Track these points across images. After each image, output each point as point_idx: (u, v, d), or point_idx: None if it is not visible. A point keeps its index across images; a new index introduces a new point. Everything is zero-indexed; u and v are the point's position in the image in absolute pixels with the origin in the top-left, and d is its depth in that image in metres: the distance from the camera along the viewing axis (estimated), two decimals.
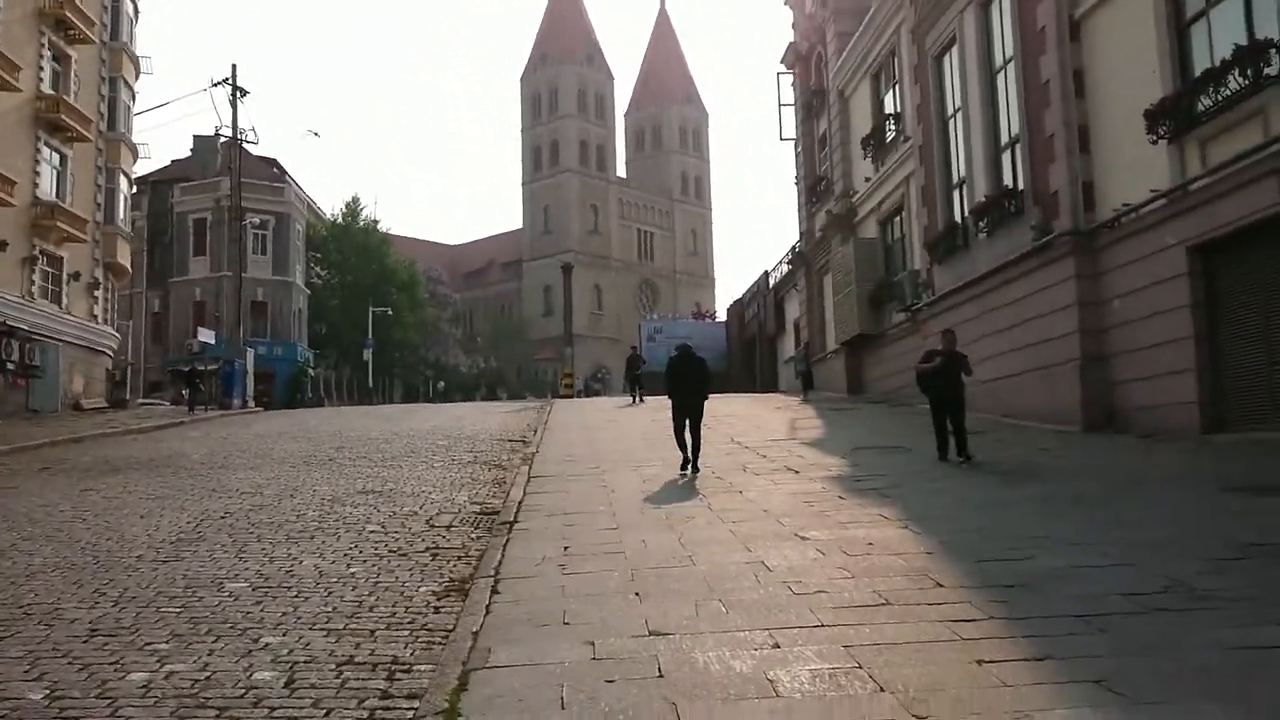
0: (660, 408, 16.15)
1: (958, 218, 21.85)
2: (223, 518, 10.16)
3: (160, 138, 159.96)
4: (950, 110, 22.35)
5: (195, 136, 62.55)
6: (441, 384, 73.44)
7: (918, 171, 24.21)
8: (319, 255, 67.36)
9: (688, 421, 12.87)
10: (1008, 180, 19.44)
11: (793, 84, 37.60)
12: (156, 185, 58.63)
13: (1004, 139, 19.74)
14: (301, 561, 8.02)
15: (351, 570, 7.66)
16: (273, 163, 63.24)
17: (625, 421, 21.62)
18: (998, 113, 20.03)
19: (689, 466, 12.54)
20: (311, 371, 56.99)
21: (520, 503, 10.49)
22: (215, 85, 38.03)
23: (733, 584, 6.40)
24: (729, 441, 16.22)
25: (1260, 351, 13.47)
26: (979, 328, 20.06)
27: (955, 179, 22.14)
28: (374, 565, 7.83)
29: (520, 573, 7.15)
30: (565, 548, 7.97)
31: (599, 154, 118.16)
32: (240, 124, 39.88)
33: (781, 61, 37.80)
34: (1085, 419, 16.33)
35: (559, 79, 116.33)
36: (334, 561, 8.00)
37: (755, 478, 11.77)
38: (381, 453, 16.59)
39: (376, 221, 73.32)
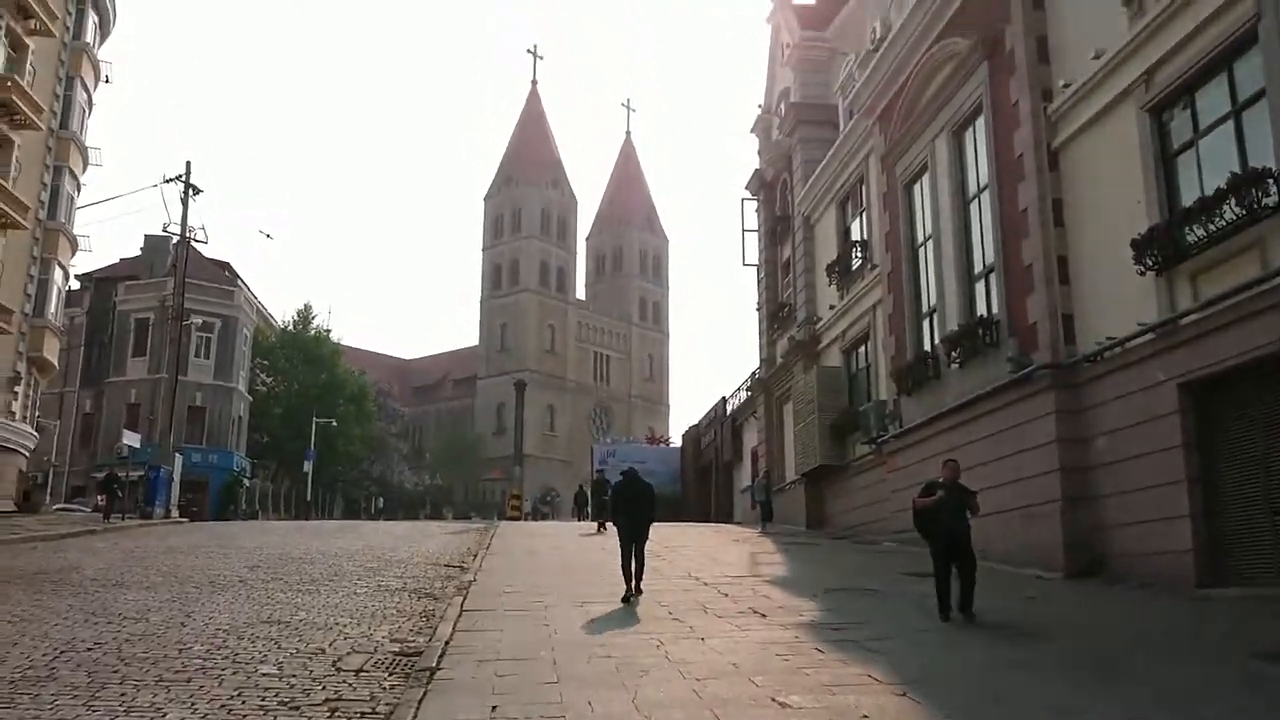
0: (613, 536, 14.81)
1: (927, 347, 21.04)
2: (89, 650, 8.55)
3: (111, 234, 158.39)
4: (920, 238, 21.81)
5: (146, 235, 61.46)
6: (381, 501, 70.81)
7: (885, 299, 23.54)
8: (266, 362, 65.65)
9: (634, 545, 12.75)
10: (982, 310, 18.71)
11: (756, 210, 37.40)
12: (101, 282, 57.10)
13: (978, 268, 19.10)
14: (165, 716, 6.48)
15: None
16: (224, 266, 62.01)
17: (573, 549, 20.11)
18: (971, 241, 19.45)
19: (631, 597, 12.25)
20: (247, 482, 54.54)
21: (447, 643, 9.01)
22: (167, 181, 37.04)
23: None
24: (686, 576, 14.81)
25: (1260, 497, 12.47)
26: None
27: (925, 308, 21.43)
28: None
29: None
30: (493, 708, 6.53)
31: (559, 275, 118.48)
32: (191, 222, 38.82)
33: (746, 187, 37.68)
34: (1067, 565, 15.16)
35: (523, 200, 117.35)
36: (205, 716, 6.48)
37: (718, 621, 10.38)
38: (301, 575, 14.94)
39: (328, 331, 72.05)
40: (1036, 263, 16.63)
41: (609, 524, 22.67)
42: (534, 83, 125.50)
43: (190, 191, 37.68)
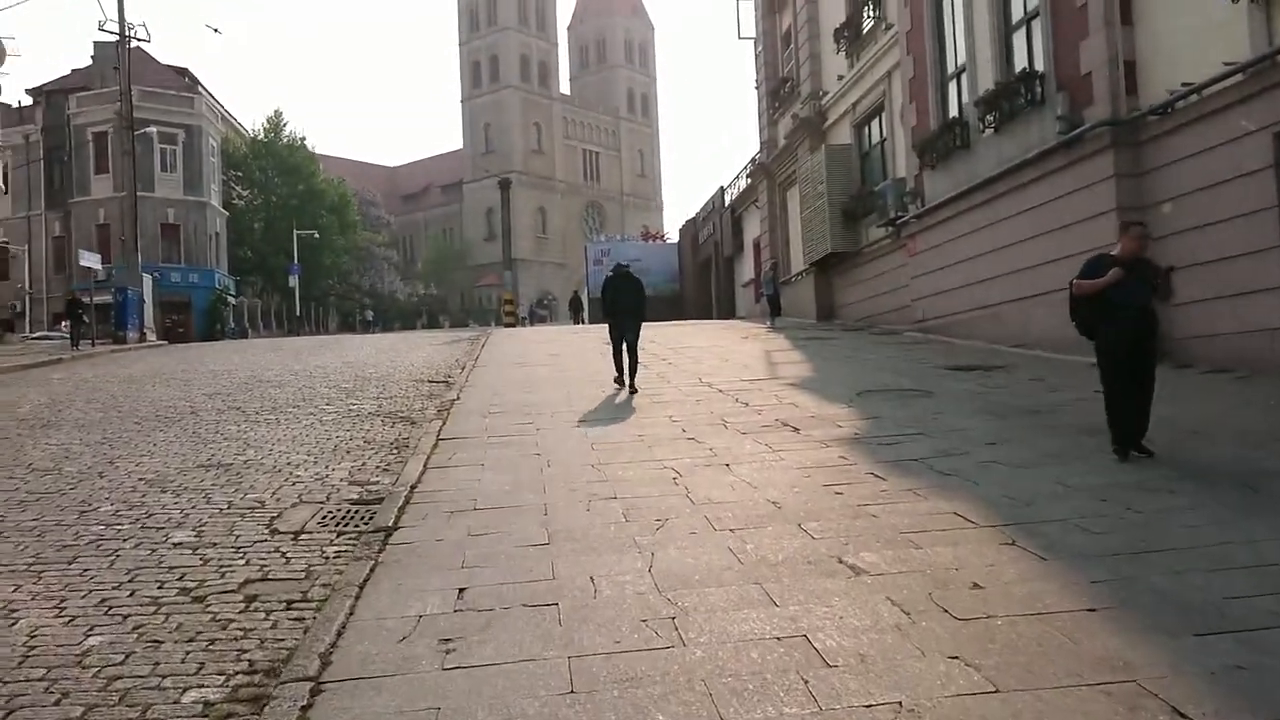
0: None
1: (955, 113, 18.67)
2: None
3: (60, 45, 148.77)
4: None
5: (95, 43, 57.00)
6: (369, 313, 69.27)
7: (904, 63, 20.90)
8: (239, 174, 62.49)
9: (625, 342, 12.89)
10: (1023, 63, 16.26)
11: None
12: (52, 95, 53.40)
13: (1017, 15, 16.52)
14: (17, 619, 4.78)
15: (88, 642, 4.45)
16: (183, 72, 57.93)
17: (569, 356, 18.41)
18: None
19: (624, 385, 12.63)
20: (232, 300, 52.67)
21: (414, 487, 7.30)
22: None
23: (761, 709, 3.29)
24: (697, 382, 13.12)
25: None
26: (984, 241, 17.10)
27: (952, 68, 18.90)
28: (136, 627, 4.62)
29: (368, 662, 3.98)
30: (460, 591, 4.81)
31: (541, 69, 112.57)
32: (131, 20, 35.35)
33: None
34: None
35: None
36: (74, 618, 4.78)
37: (742, 439, 8.66)
38: (264, 401, 13.26)
39: (303, 139, 68.29)
40: (1092, 0, 14.11)
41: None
42: None
43: None
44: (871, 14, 23.75)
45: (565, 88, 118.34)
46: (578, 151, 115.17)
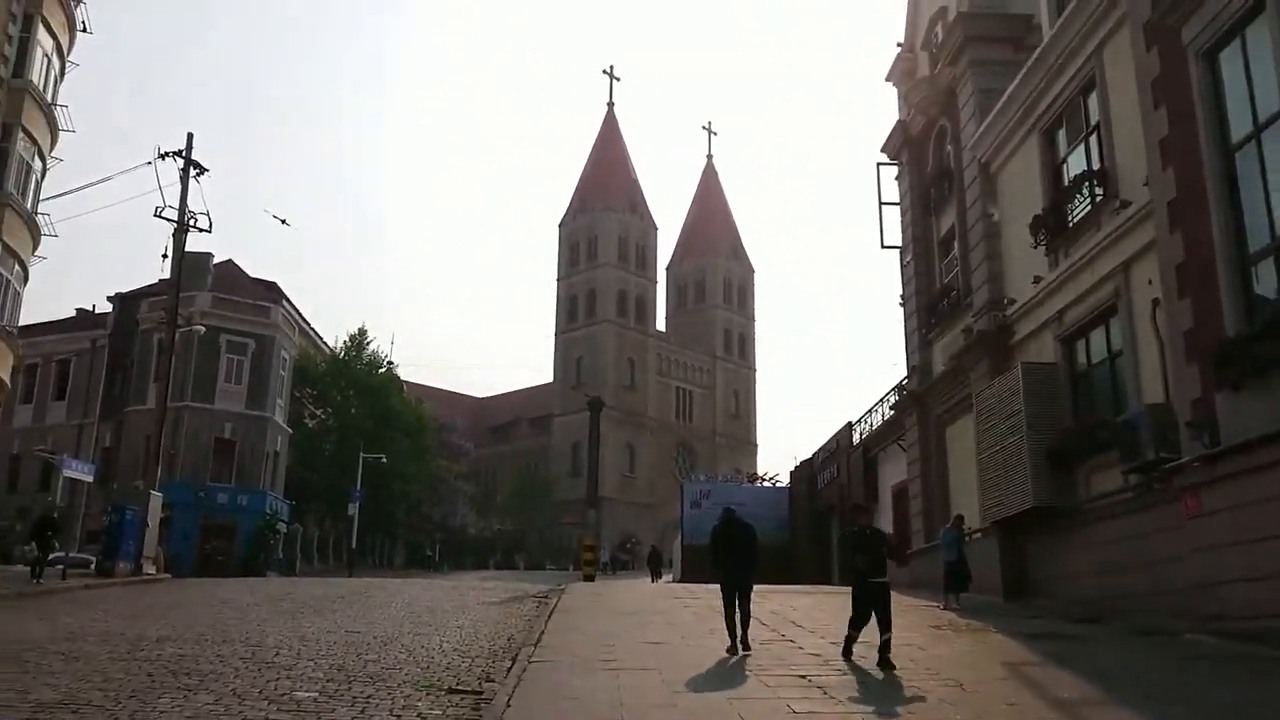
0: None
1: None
2: None
3: (147, 255, 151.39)
4: (1244, 130, 13.21)
5: (187, 252, 55.18)
6: (431, 551, 63.15)
7: (1164, 245, 14.85)
8: (314, 393, 58.77)
9: (737, 596, 11.41)
10: None
11: (897, 177, 28.96)
12: (127, 300, 50.80)
13: None
14: None
15: None
16: (270, 285, 55.49)
17: (680, 640, 11.69)
18: None
19: (737, 652, 10.85)
20: (283, 527, 47.21)
21: None
22: (162, 157, 30.05)
23: None
24: None
25: None
26: None
27: (1264, 241, 12.78)
28: None
29: None
30: None
31: (638, 305, 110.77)
32: (194, 209, 31.86)
33: (883, 150, 29.29)
34: None
35: (599, 226, 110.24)
36: None
37: None
38: None
39: (391, 362, 64.96)
40: None
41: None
42: (610, 104, 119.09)
43: (192, 170, 30.75)
44: (1088, 194, 18.04)
45: (661, 325, 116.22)
46: (671, 389, 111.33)
